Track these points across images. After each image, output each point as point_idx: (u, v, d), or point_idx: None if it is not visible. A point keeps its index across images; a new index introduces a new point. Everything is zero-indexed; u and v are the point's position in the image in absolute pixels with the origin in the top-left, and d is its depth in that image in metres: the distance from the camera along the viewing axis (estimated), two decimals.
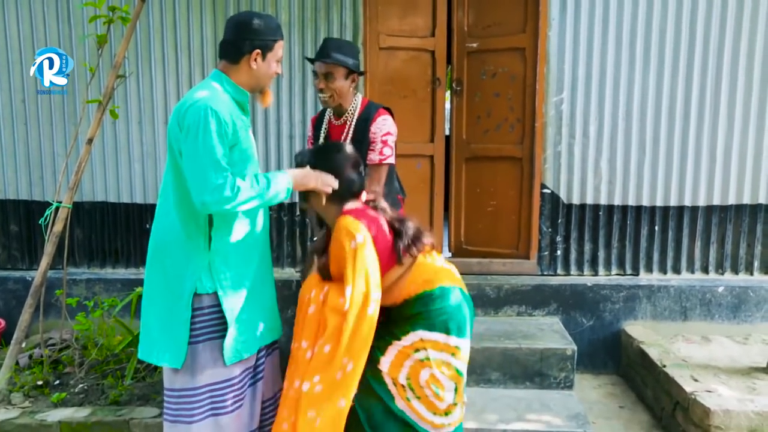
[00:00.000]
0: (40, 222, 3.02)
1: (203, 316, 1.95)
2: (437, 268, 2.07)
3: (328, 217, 2.09)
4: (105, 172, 3.74)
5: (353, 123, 2.52)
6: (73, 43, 3.64)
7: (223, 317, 1.95)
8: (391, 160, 2.53)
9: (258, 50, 1.96)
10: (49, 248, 2.90)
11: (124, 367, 3.03)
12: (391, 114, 2.60)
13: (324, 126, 2.62)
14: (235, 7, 3.57)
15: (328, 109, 2.63)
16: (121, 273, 3.78)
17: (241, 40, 1.96)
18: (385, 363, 1.99)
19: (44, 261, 2.90)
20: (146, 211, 3.74)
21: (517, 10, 3.65)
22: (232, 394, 1.98)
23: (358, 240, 1.90)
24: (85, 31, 3.59)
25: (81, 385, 2.91)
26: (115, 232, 3.79)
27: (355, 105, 2.55)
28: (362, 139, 2.49)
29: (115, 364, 3.09)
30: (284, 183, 1.95)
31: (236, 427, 2.01)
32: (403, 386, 1.98)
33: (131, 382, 2.93)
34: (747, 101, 3.49)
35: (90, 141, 2.98)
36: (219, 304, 1.95)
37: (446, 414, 2.00)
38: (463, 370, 2.03)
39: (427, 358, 1.97)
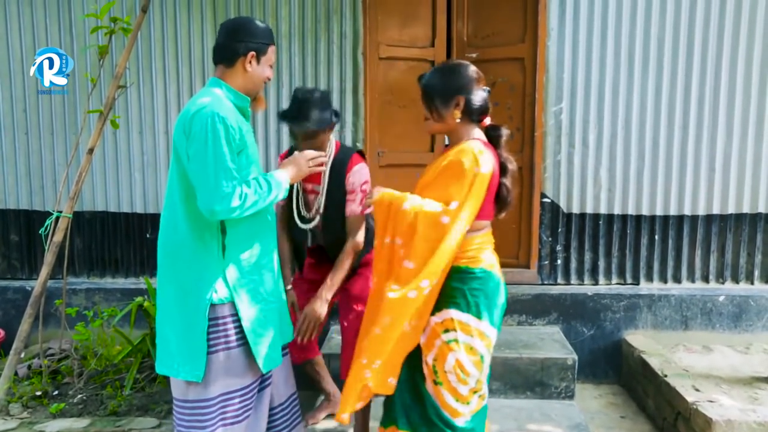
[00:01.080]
0: (40, 232, 3.03)
1: (218, 326, 1.93)
2: (487, 248, 2.07)
3: (456, 134, 2.09)
4: (105, 182, 3.75)
5: (329, 166, 2.45)
6: (75, 53, 3.65)
7: (239, 326, 1.94)
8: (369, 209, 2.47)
9: (253, 52, 1.96)
10: (49, 258, 2.90)
11: (123, 378, 3.02)
12: (364, 157, 2.56)
13: None
14: (236, 17, 3.59)
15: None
16: (121, 282, 3.78)
17: (237, 42, 1.96)
18: (422, 338, 2.02)
19: (44, 271, 2.90)
20: (146, 221, 3.74)
21: (517, 21, 3.67)
22: (242, 403, 1.98)
23: (483, 170, 1.93)
24: (87, 42, 3.61)
25: (80, 396, 2.90)
26: (115, 241, 3.79)
27: (330, 148, 2.47)
28: (339, 185, 2.45)
29: (115, 375, 3.08)
30: (282, 181, 2.00)
31: None
32: (429, 367, 2.00)
33: (130, 392, 2.92)
34: (745, 110, 3.50)
35: (91, 151, 2.99)
36: (234, 313, 1.94)
37: (467, 402, 2.00)
38: (487, 358, 2.03)
39: (455, 341, 1.97)
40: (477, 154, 1.95)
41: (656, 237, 3.61)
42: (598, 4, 3.48)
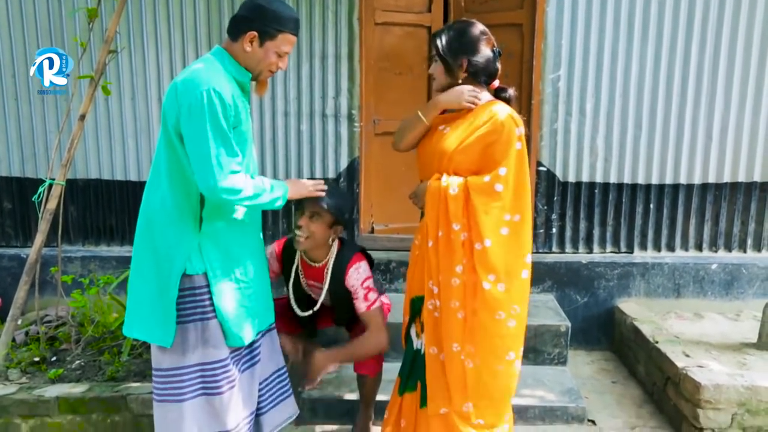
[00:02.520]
0: (33, 199, 3.00)
1: (194, 296, 1.93)
2: None
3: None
4: (98, 149, 3.71)
5: (330, 268, 2.39)
6: (63, 17, 3.57)
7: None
8: (380, 299, 2.43)
9: (254, 33, 1.88)
10: (43, 225, 2.88)
11: (120, 344, 3.04)
12: (365, 254, 2.48)
13: (296, 263, 2.47)
14: None
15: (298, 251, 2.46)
16: (116, 250, 3.78)
17: (245, 18, 1.90)
18: None
19: (38, 238, 2.88)
20: (140, 189, 3.63)
21: None
22: (224, 375, 1.97)
23: (522, 130, 1.99)
24: (75, 5, 3.52)
25: (78, 362, 2.93)
26: (110, 209, 3.77)
27: (332, 251, 2.40)
28: (340, 285, 2.40)
29: (112, 341, 3.10)
30: (282, 190, 1.99)
31: (233, 409, 2.01)
32: None
33: (128, 358, 2.94)
34: (744, 79, 3.47)
35: (82, 117, 2.95)
36: (209, 285, 1.94)
37: None
38: None
39: None
40: (514, 115, 1.97)
41: (651, 206, 3.62)
42: None
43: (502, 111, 1.98)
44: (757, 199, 3.59)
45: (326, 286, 2.42)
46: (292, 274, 2.48)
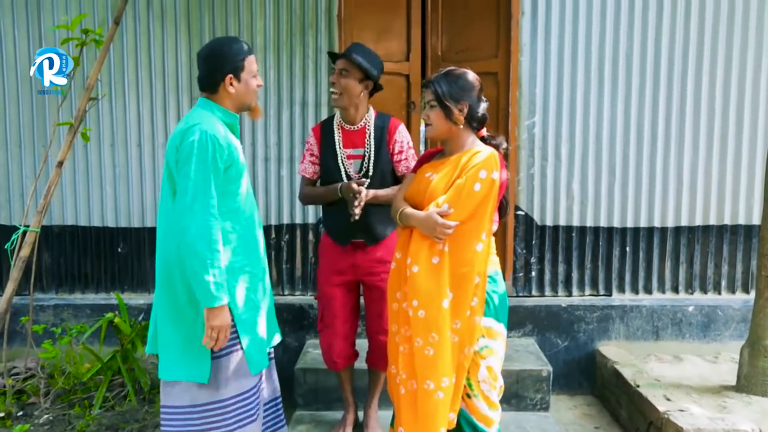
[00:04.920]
0: (6, 246, 2.94)
1: None
2: (494, 251, 2.13)
3: (456, 141, 2.12)
4: (75, 196, 3.67)
5: (372, 130, 2.60)
6: None
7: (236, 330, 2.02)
8: None
9: (230, 75, 2.05)
10: (15, 273, 2.82)
11: (92, 397, 2.94)
12: None
13: (336, 133, 2.63)
14: (210, 30, 3.58)
15: (336, 118, 2.66)
16: (91, 298, 3.69)
17: (212, 72, 2.05)
18: None
19: (9, 286, 2.82)
20: (118, 235, 3.67)
21: (490, 36, 3.73)
22: (255, 402, 2.06)
23: (494, 176, 2.00)
24: None
25: (46, 416, 2.82)
26: (85, 256, 3.71)
27: (369, 113, 2.63)
28: (380, 149, 2.58)
29: (83, 393, 3.00)
30: (219, 296, 1.91)
31: None
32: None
33: (99, 411, 2.84)
34: (710, 125, 3.61)
35: (60, 164, 2.93)
36: (233, 317, 2.00)
37: (497, 408, 2.06)
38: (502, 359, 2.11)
39: (486, 347, 2.02)
40: (494, 160, 2.02)
41: (627, 249, 3.67)
42: (568, 21, 3.56)
43: (483, 153, 2.04)
44: (729, 241, 3.67)
45: (372, 147, 2.55)
46: (337, 146, 2.59)
